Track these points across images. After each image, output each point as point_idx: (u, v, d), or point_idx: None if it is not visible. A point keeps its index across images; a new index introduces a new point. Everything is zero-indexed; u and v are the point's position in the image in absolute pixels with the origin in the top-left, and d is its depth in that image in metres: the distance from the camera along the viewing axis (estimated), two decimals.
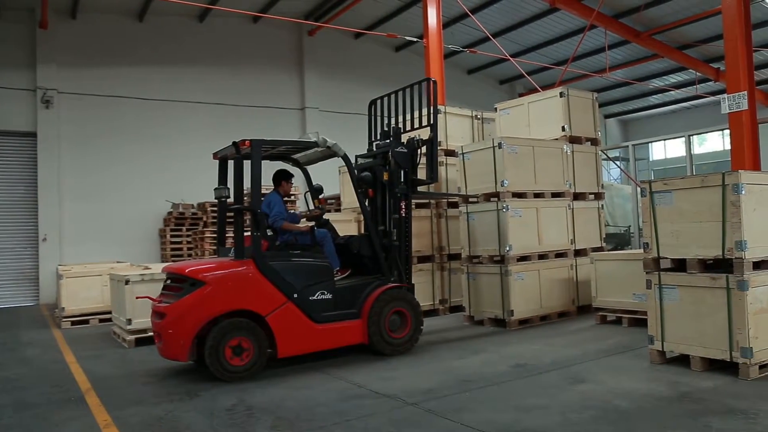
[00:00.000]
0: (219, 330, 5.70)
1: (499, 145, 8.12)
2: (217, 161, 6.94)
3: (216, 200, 6.80)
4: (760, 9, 15.32)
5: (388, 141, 7.30)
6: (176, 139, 16.03)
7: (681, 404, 4.48)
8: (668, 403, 4.53)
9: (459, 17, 16.56)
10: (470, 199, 8.58)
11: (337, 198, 12.37)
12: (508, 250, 8.00)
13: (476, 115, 10.48)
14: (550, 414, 4.37)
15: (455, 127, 10.15)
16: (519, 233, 8.11)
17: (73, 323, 9.77)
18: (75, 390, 5.72)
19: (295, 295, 6.07)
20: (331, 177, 10.81)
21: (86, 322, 9.85)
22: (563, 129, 8.90)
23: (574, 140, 9.03)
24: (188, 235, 15.06)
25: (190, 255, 14.79)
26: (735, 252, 5.03)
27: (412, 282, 7.20)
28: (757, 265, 5.13)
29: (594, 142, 9.38)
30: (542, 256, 8.41)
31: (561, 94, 8.98)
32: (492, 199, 8.26)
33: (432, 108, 7.31)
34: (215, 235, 14.14)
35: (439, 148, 8.03)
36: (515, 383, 5.28)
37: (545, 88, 12.25)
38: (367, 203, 7.14)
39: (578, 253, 8.86)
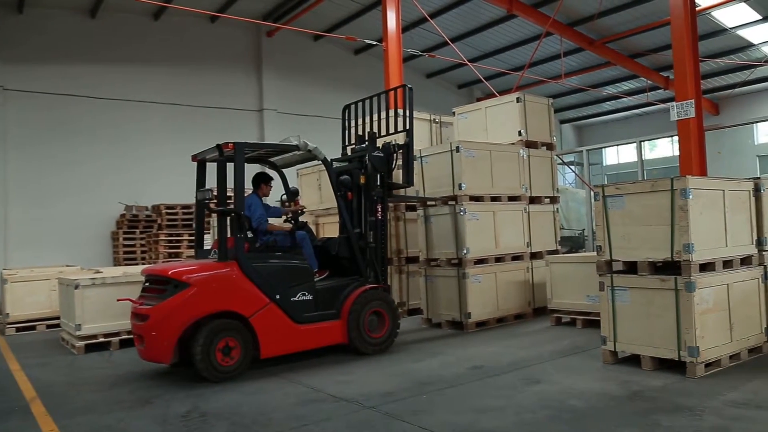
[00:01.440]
0: (210, 330, 5.72)
1: (457, 149, 8.19)
2: (194, 163, 6.89)
3: (198, 202, 6.81)
4: (706, 21, 15.89)
5: (364, 145, 7.44)
6: (130, 140, 15.67)
7: (632, 403, 4.59)
8: (620, 402, 4.64)
9: (418, 21, 16.68)
10: (429, 203, 8.62)
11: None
12: (465, 253, 8.07)
13: (434, 119, 10.55)
14: (507, 415, 4.42)
15: (414, 130, 10.15)
16: (476, 236, 8.19)
17: (19, 329, 9.41)
18: (19, 399, 5.51)
19: (278, 297, 6.14)
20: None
21: (33, 328, 9.51)
22: (520, 134, 9.04)
23: (530, 145, 9.18)
24: (142, 238, 14.73)
25: (144, 259, 14.46)
26: (683, 254, 5.18)
27: (389, 283, 7.33)
28: (704, 267, 5.30)
29: (549, 146, 9.55)
30: (499, 259, 8.51)
31: (518, 100, 9.12)
32: (449, 202, 8.32)
33: (408, 113, 7.40)
34: (170, 238, 13.99)
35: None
36: (472, 385, 5.32)
37: (502, 93, 12.43)
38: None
39: (534, 255, 8.99)
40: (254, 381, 5.79)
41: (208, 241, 7.63)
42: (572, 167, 18.33)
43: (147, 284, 6.30)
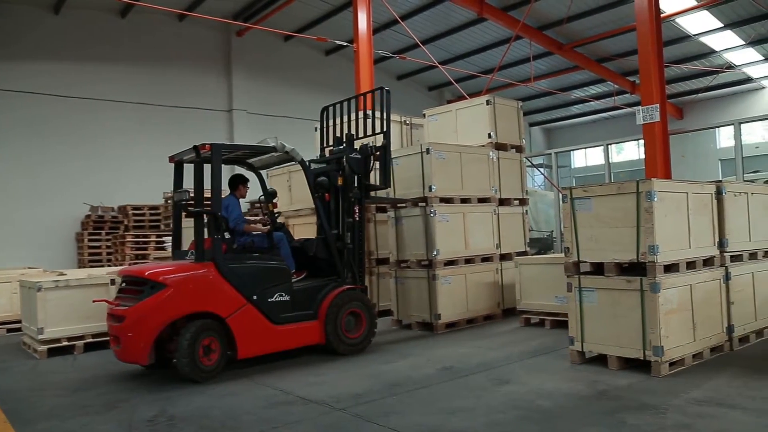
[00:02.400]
0: (193, 330, 5.71)
1: (427, 151, 8.22)
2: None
3: (175, 203, 6.81)
4: (671, 28, 16.26)
5: (341, 147, 7.49)
6: (97, 139, 15.36)
7: (599, 402, 4.66)
8: (587, 401, 4.70)
9: (389, 23, 16.71)
10: (398, 204, 8.64)
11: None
12: (435, 255, 8.10)
13: (405, 121, 10.57)
14: (476, 415, 4.44)
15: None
16: (446, 238, 8.23)
17: None
18: None
19: (255, 297, 6.15)
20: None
21: None
22: (489, 136, 9.11)
23: (499, 147, 9.26)
24: (108, 240, 14.45)
25: (109, 260, 14.19)
26: (648, 256, 5.28)
27: (366, 284, 7.39)
28: (668, 268, 5.41)
29: (519, 149, 9.65)
30: (469, 261, 8.56)
31: (488, 102, 9.19)
32: (420, 204, 8.35)
33: (386, 116, 7.45)
34: (137, 240, 13.75)
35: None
36: (442, 386, 5.34)
37: (473, 95, 12.51)
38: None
39: (503, 257, 9.08)
40: (223, 384, 5.72)
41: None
42: (541, 169, 18.57)
43: (123, 285, 6.26)
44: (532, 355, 6.42)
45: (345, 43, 13.80)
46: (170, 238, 11.90)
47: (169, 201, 13.96)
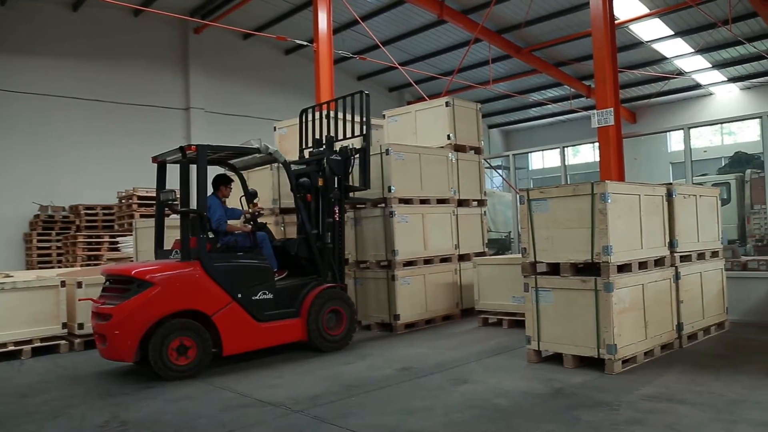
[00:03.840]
0: (162, 330, 5.79)
1: (387, 152, 8.23)
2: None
3: (158, 202, 6.84)
4: (625, 34, 16.68)
5: (321, 149, 7.63)
6: (47, 137, 14.89)
7: (554, 400, 4.73)
8: (543, 399, 4.77)
9: (349, 23, 16.67)
10: (357, 205, 8.61)
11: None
12: (394, 255, 8.11)
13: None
14: (434, 415, 4.46)
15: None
16: (405, 239, 8.25)
17: None
18: None
19: (239, 295, 6.29)
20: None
21: None
22: (449, 137, 9.17)
23: (458, 149, 9.34)
24: (58, 240, 14.00)
25: (60, 262, 13.75)
26: (602, 256, 5.40)
27: (345, 282, 7.58)
28: (621, 268, 5.54)
29: (477, 150, 9.75)
30: (428, 261, 8.60)
31: (447, 104, 9.26)
32: (379, 205, 8.35)
33: (366, 119, 7.60)
34: (90, 240, 13.37)
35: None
36: (401, 386, 5.34)
37: (432, 97, 12.59)
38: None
39: (462, 257, 9.15)
40: (179, 387, 5.60)
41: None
42: (499, 171, 18.78)
43: (107, 284, 6.34)
44: (489, 354, 6.49)
45: (305, 43, 13.71)
46: (124, 238, 11.71)
47: (123, 201, 13.63)
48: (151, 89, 16.62)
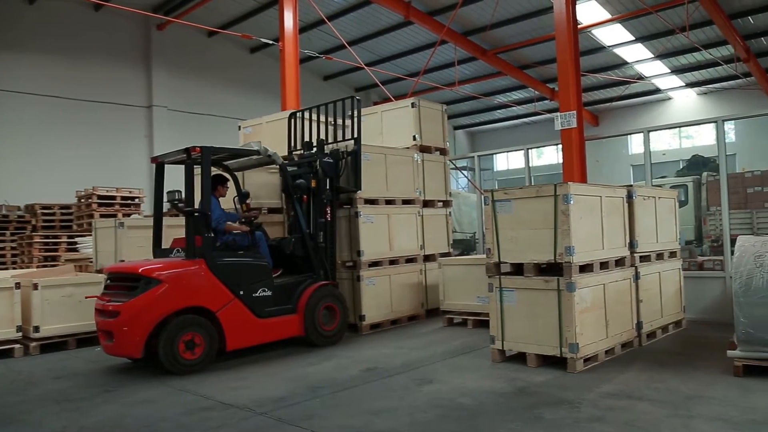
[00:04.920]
0: (174, 326, 5.97)
1: None
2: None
3: (156, 202, 7.14)
4: (588, 38, 16.99)
5: (313, 151, 7.90)
6: (1, 134, 14.40)
7: (518, 398, 4.78)
8: (507, 398, 4.82)
9: (316, 23, 16.60)
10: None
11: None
12: (360, 256, 8.10)
13: (331, 122, 10.50)
14: (399, 415, 4.46)
15: (302, 131, 10.08)
16: (371, 239, 8.24)
17: None
18: None
19: (241, 292, 6.53)
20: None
21: None
22: (414, 138, 9.20)
23: (424, 149, 9.37)
24: (13, 241, 13.57)
25: (15, 263, 13.33)
26: (565, 257, 5.48)
27: (337, 280, 7.86)
28: (583, 269, 5.64)
29: (443, 151, 9.80)
30: (393, 262, 8.61)
31: (413, 105, 9.29)
32: (345, 205, 8.32)
33: (357, 123, 7.86)
34: (47, 241, 12.99)
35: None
36: (366, 387, 5.34)
37: (398, 98, 12.62)
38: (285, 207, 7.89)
39: (427, 258, 9.18)
40: (139, 391, 5.49)
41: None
42: (464, 172, 18.92)
43: (109, 282, 6.56)
44: (454, 354, 6.53)
45: (271, 42, 13.59)
46: (83, 239, 11.41)
47: (82, 200, 13.30)
48: (112, 86, 16.24)
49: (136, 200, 13.55)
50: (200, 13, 16.09)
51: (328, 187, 7.65)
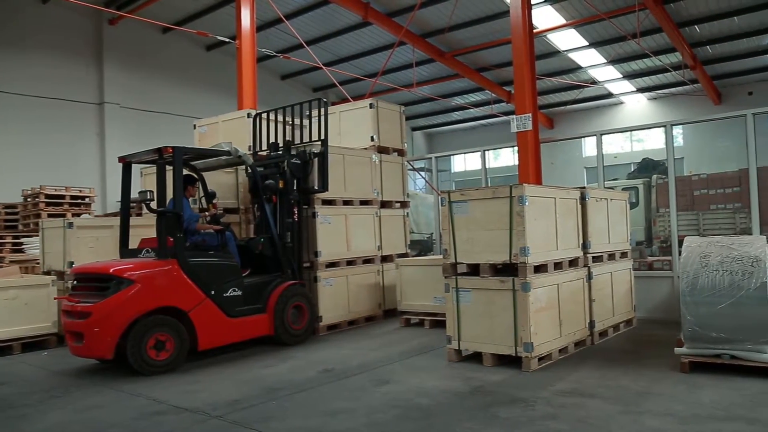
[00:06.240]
0: (140, 327, 5.92)
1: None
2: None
3: (123, 202, 7.05)
4: (543, 43, 17.30)
5: (280, 152, 7.97)
6: None
7: (474, 397, 4.83)
8: (463, 397, 4.86)
9: (273, 21, 16.42)
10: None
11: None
12: (317, 257, 8.05)
13: (288, 121, 10.41)
14: (357, 416, 4.45)
15: (266, 132, 9.99)
16: (328, 240, 8.21)
17: None
18: None
19: (213, 292, 6.56)
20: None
21: None
22: (372, 139, 9.21)
23: (382, 150, 9.38)
24: None
25: None
26: (520, 257, 5.56)
27: (303, 279, 7.91)
28: (538, 269, 5.73)
29: (401, 152, 9.83)
30: (350, 262, 8.60)
31: (371, 106, 9.29)
32: (303, 206, 8.25)
33: (324, 124, 7.87)
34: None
35: (249, 153, 8.09)
36: (323, 388, 5.31)
37: (356, 98, 12.59)
38: (256, 208, 7.91)
39: (385, 259, 9.20)
40: (88, 396, 5.33)
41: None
42: (422, 173, 19.03)
43: (77, 283, 6.46)
44: (411, 354, 6.55)
45: (227, 39, 13.38)
46: (29, 239, 11.02)
47: (29, 199, 12.83)
48: (61, 82, 15.69)
49: (87, 200, 13.15)
50: (155, 9, 15.72)
51: (295, 188, 7.70)
